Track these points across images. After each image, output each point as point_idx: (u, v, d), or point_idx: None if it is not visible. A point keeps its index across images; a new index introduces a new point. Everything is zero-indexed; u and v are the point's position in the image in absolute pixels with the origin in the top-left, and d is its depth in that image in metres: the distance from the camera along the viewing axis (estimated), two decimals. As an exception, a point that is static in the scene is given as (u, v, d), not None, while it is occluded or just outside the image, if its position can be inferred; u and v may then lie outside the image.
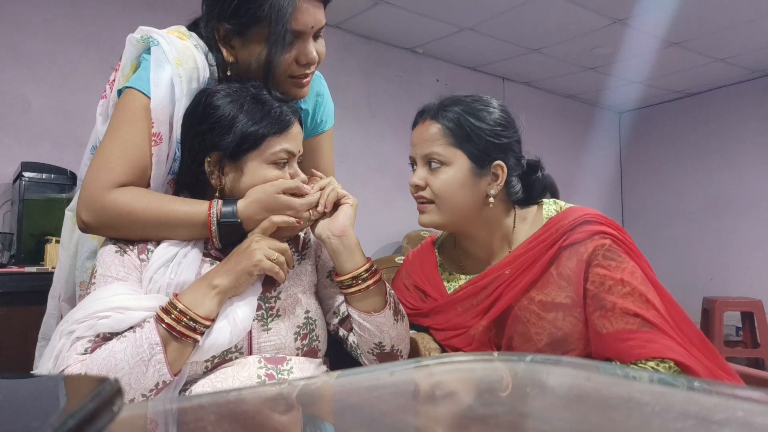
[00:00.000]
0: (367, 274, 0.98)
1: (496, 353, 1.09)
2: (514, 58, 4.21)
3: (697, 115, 5.04)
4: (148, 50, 1.01)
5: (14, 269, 2.08)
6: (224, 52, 1.02)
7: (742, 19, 3.50)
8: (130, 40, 1.03)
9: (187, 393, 0.88)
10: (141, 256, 0.93)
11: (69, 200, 2.31)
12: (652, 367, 0.93)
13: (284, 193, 0.93)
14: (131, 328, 0.84)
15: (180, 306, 0.83)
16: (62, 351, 0.84)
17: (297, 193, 0.95)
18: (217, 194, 0.95)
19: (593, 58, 4.18)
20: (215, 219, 0.91)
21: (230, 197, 0.95)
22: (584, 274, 1.00)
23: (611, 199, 5.52)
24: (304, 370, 0.93)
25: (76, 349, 0.83)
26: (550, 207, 1.12)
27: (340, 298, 1.06)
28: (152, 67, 0.97)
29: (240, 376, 0.88)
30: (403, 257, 1.36)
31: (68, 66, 2.74)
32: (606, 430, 0.40)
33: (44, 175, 2.27)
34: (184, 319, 0.82)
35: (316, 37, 1.02)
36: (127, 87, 0.98)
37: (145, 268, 0.91)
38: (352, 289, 0.98)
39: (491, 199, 1.06)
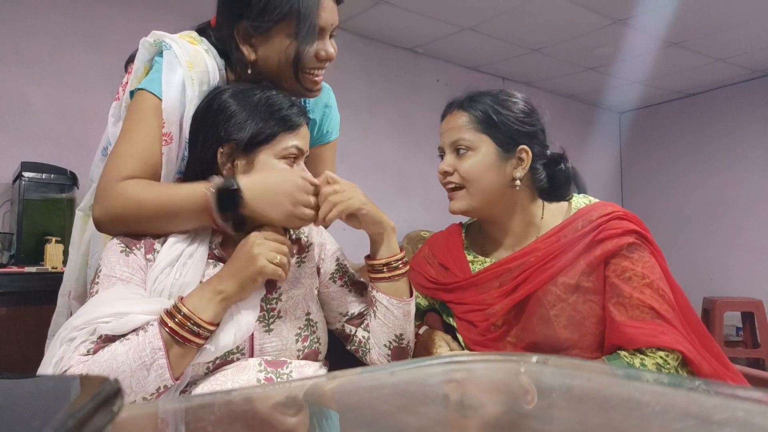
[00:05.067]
0: (398, 263, 1.02)
1: (497, 354, 1.10)
2: (514, 58, 4.20)
3: (698, 115, 5.04)
4: (161, 53, 1.03)
5: (14, 269, 2.08)
6: (244, 51, 1.04)
7: (742, 19, 3.50)
8: (143, 44, 1.06)
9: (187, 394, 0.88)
10: (147, 256, 0.92)
11: (69, 200, 2.33)
12: (661, 357, 0.96)
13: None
14: (134, 330, 0.84)
15: (184, 310, 0.83)
16: (63, 357, 0.83)
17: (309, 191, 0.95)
18: None
19: (593, 58, 4.18)
20: (213, 189, 0.89)
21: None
22: (607, 263, 1.04)
23: (611, 200, 5.46)
24: (303, 374, 0.93)
25: (79, 350, 0.82)
26: (579, 200, 1.16)
27: (350, 299, 1.07)
28: (164, 69, 0.99)
29: (240, 380, 0.88)
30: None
31: (68, 66, 2.74)
32: (606, 430, 0.40)
33: (44, 175, 2.27)
34: (188, 323, 0.82)
35: (331, 36, 1.07)
36: (139, 89, 1.01)
37: (151, 268, 0.91)
38: (383, 275, 1.01)
39: (517, 182, 1.10)
